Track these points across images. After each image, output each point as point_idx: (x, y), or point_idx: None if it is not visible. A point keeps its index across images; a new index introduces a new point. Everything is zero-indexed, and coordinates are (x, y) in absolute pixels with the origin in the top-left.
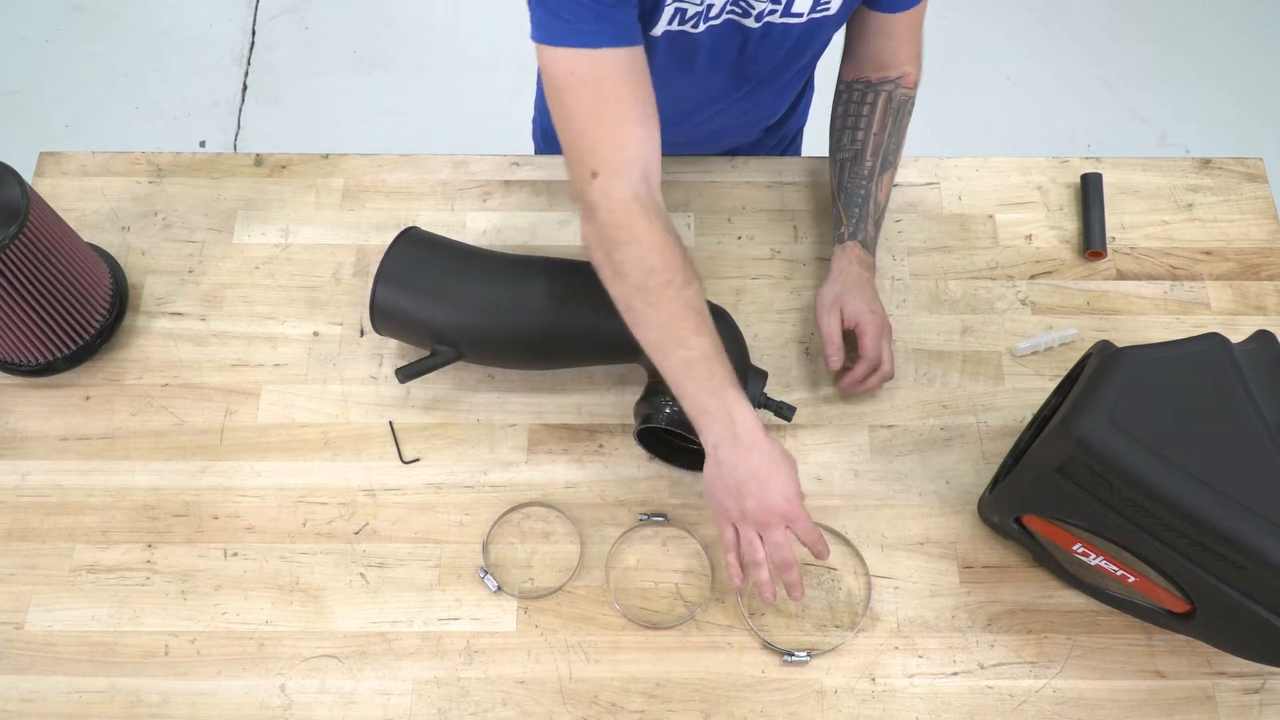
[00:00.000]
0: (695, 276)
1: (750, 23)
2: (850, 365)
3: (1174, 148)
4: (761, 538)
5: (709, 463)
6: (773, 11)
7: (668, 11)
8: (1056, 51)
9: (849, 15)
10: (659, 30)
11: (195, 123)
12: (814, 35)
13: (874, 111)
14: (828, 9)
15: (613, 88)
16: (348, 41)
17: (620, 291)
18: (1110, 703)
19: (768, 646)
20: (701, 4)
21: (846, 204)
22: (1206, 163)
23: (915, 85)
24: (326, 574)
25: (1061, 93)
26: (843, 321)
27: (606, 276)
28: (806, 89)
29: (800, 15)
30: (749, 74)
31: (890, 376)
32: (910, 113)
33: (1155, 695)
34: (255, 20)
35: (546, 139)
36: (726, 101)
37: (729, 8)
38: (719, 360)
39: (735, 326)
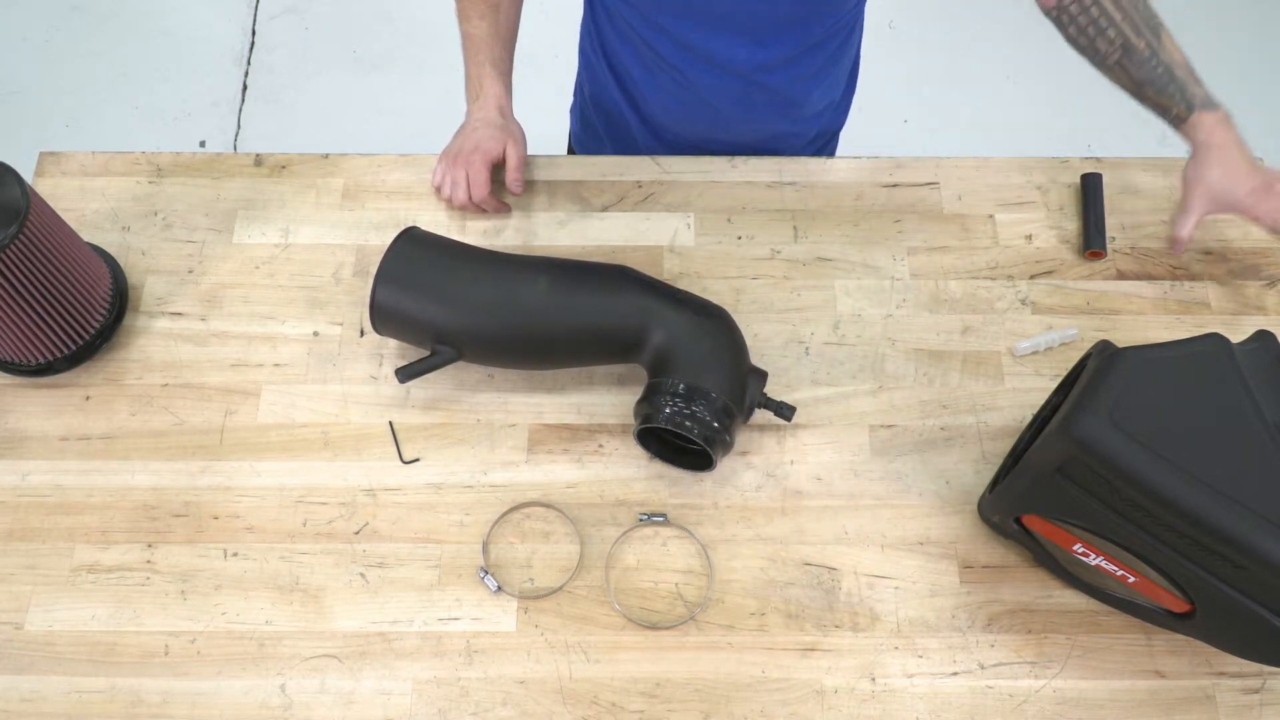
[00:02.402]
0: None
1: None
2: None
3: (1174, 148)
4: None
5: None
6: None
7: None
8: (1056, 51)
9: None
10: None
11: (195, 123)
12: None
13: (1101, 6)
14: None
15: None
16: (348, 41)
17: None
18: (1110, 703)
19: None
20: None
21: (1159, 91)
22: None
23: None
24: (326, 574)
25: (1061, 93)
26: (1214, 210)
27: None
28: (848, 89)
29: None
30: (758, 33)
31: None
32: None
33: (1155, 695)
34: (255, 20)
35: (584, 122)
36: (744, 66)
37: None
38: (489, 43)
39: (735, 327)
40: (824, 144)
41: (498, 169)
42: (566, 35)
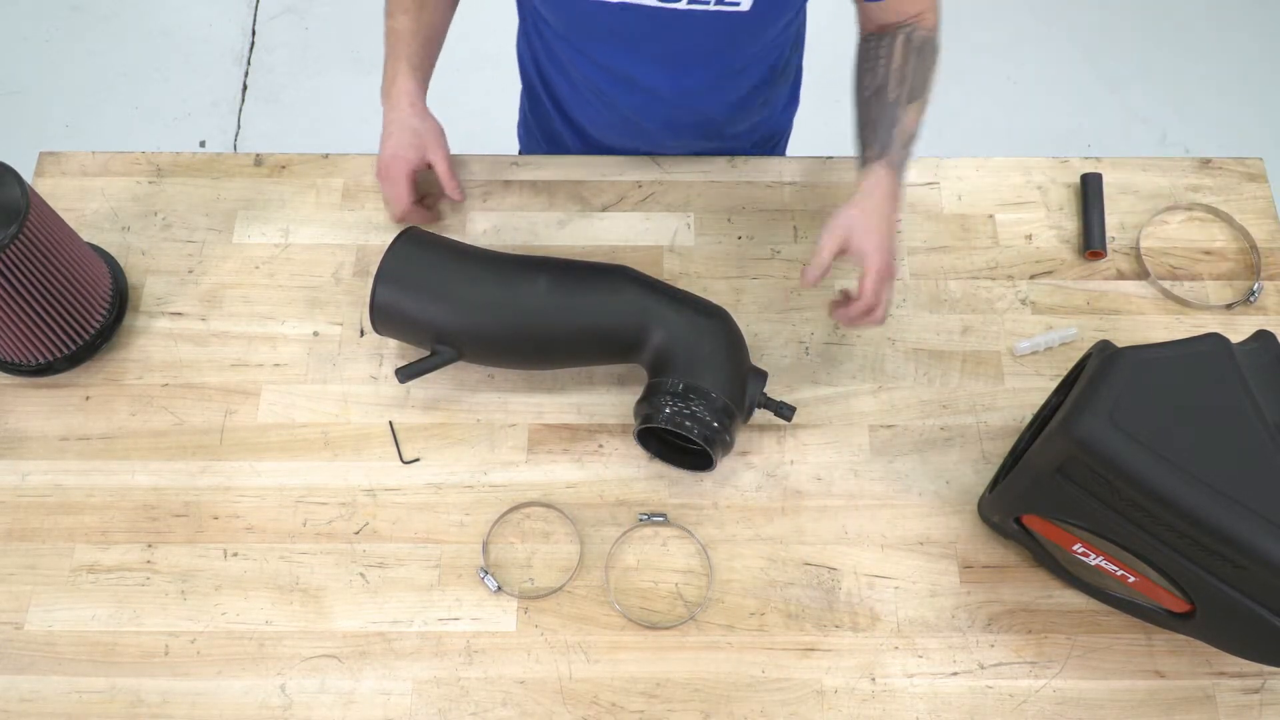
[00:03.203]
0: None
1: (654, 2)
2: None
3: (1174, 148)
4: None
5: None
6: None
7: None
8: (1056, 51)
9: (774, 19)
10: None
11: (195, 123)
12: (729, 32)
13: (892, 50)
14: (737, 4)
15: None
16: (348, 41)
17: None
18: (1110, 703)
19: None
20: None
21: (873, 131)
22: (1206, 163)
23: (935, 28)
24: (326, 574)
25: (1061, 93)
26: (845, 250)
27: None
28: (789, 103)
29: (706, 2)
30: (674, 56)
31: (881, 322)
32: (935, 52)
33: (1155, 695)
34: (255, 20)
35: (529, 138)
36: (666, 93)
37: None
38: (408, 39)
39: (735, 327)
40: (770, 148)
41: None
42: None
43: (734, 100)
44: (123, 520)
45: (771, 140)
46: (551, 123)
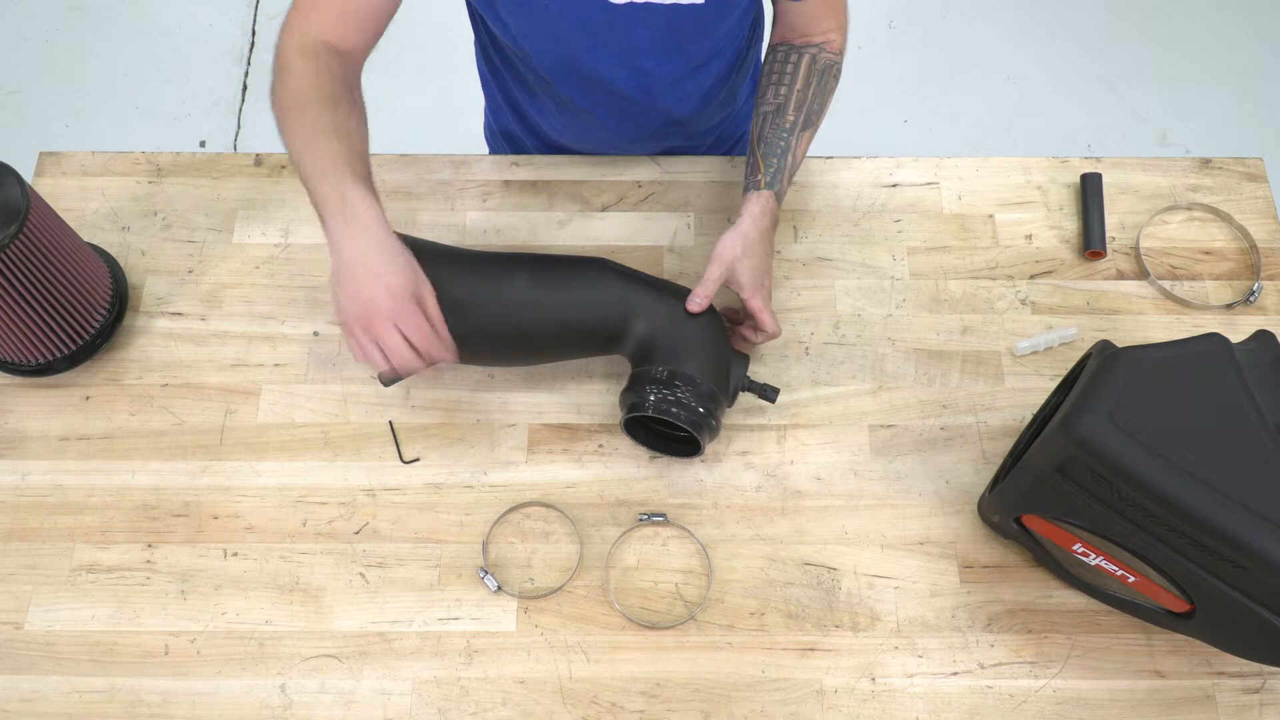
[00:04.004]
0: (351, 107)
1: None
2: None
3: (1174, 148)
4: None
5: (330, 247)
6: None
7: None
8: (1056, 51)
9: (729, 10)
10: None
11: (195, 123)
12: (687, 25)
13: (797, 71)
14: None
15: None
16: None
17: (278, 122)
18: (1110, 703)
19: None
20: None
21: (766, 153)
22: (1206, 163)
23: (840, 52)
24: (326, 574)
25: (1061, 93)
26: (730, 279)
27: (275, 117)
28: (748, 91)
29: None
30: (630, 53)
31: (777, 335)
32: (836, 78)
33: (1155, 695)
34: (255, 20)
35: (494, 141)
36: (630, 87)
37: None
38: (349, 161)
39: (715, 312)
40: (731, 148)
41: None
42: None
43: (697, 97)
44: (123, 520)
45: (734, 138)
46: (515, 134)
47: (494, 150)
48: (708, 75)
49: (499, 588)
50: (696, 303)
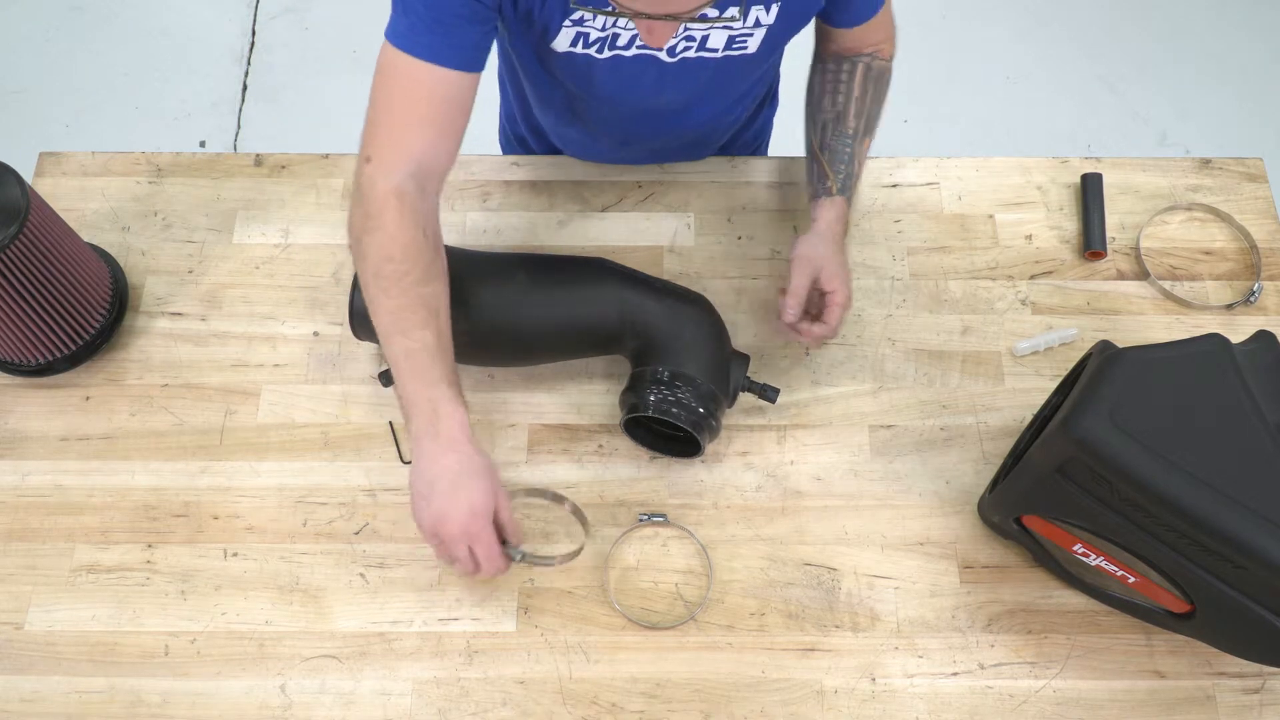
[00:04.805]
0: (438, 276)
1: (664, 57)
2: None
3: (1174, 148)
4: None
5: (414, 457)
6: (686, 48)
7: (566, 33)
8: (1056, 51)
9: (773, 54)
10: (561, 49)
11: (195, 123)
12: (736, 70)
13: (853, 78)
14: (745, 49)
15: (420, 95)
16: (348, 41)
17: (362, 273)
18: (1110, 703)
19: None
20: (605, 32)
21: (832, 160)
22: (1206, 163)
23: (891, 58)
24: (326, 574)
25: (1061, 93)
26: (815, 283)
27: (355, 259)
28: (765, 104)
29: (715, 50)
30: (674, 100)
31: (833, 336)
32: (889, 84)
33: (1155, 695)
34: (255, 20)
35: (508, 146)
36: (656, 124)
37: (639, 43)
38: (441, 357)
39: (715, 312)
40: (751, 152)
41: None
42: None
43: (729, 121)
44: (123, 520)
45: (752, 146)
46: (526, 141)
47: (509, 154)
48: (743, 108)
49: (523, 556)
50: (789, 314)
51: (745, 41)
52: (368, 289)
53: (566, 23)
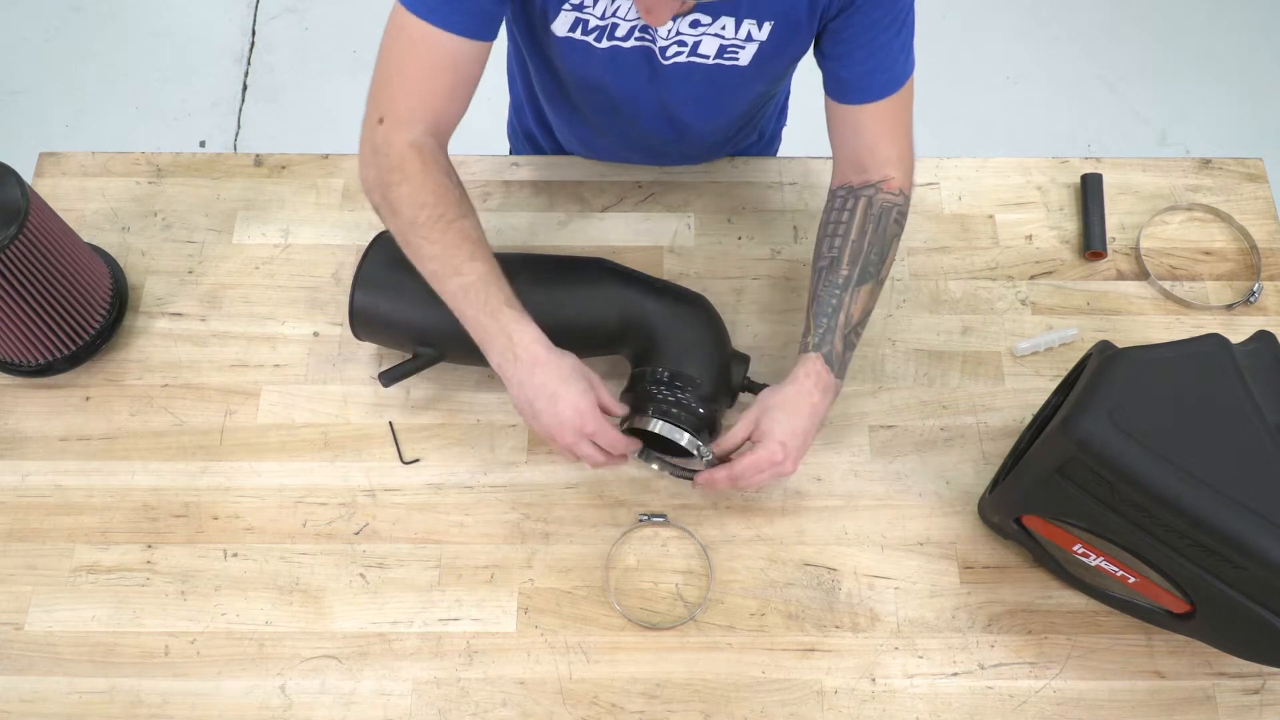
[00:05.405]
0: (470, 211)
1: (659, 58)
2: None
3: (1174, 148)
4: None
5: (506, 384)
6: (678, 53)
7: (565, 17)
8: (1056, 51)
9: (773, 77)
10: (560, 32)
11: (195, 123)
12: (731, 82)
13: (853, 218)
14: (736, 59)
15: (431, 59)
16: (348, 41)
17: (397, 227)
18: (1110, 703)
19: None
20: (605, 20)
21: (816, 312)
22: (1206, 163)
23: (901, 192)
24: (326, 574)
25: (1061, 93)
26: (754, 433)
27: (385, 216)
28: (774, 120)
29: (706, 57)
30: (670, 104)
31: (727, 487)
32: (897, 222)
33: (1155, 695)
34: (255, 20)
35: (515, 140)
36: (656, 127)
37: (638, 34)
38: (495, 283)
39: (714, 312)
40: (767, 145)
41: None
42: None
43: (729, 134)
44: (123, 521)
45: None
46: (535, 138)
47: (515, 149)
48: (745, 125)
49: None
50: (704, 476)
51: (737, 53)
52: (407, 240)
53: (566, 6)
